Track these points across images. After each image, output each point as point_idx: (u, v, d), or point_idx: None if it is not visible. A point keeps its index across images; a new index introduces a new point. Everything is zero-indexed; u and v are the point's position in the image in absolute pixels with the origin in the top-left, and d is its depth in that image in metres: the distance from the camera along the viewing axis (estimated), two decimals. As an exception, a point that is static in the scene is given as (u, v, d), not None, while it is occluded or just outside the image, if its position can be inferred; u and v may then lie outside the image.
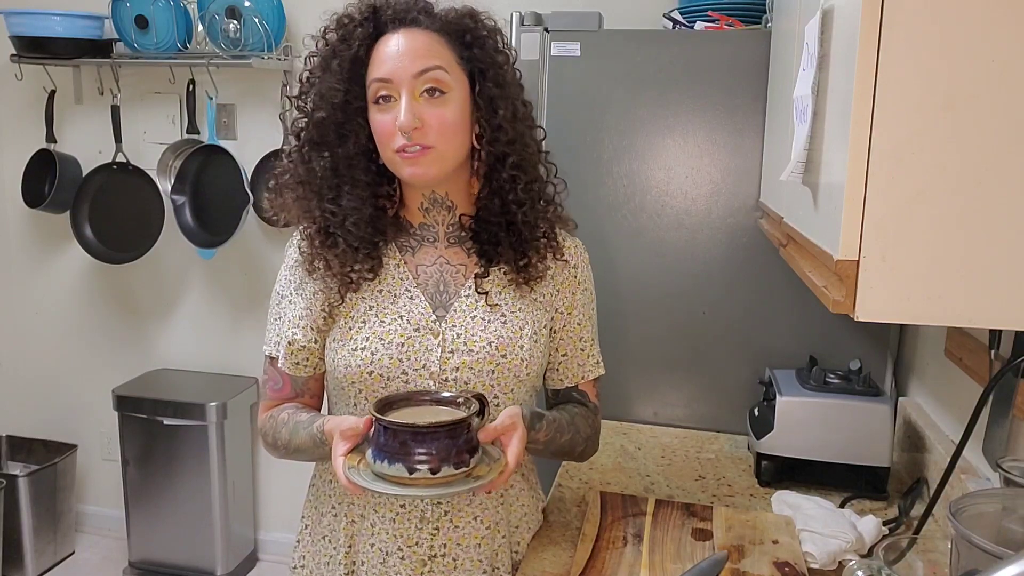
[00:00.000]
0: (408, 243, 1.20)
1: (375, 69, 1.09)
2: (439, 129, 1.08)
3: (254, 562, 2.96)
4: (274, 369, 1.23)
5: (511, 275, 1.18)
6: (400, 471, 0.95)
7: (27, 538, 2.79)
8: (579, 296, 1.24)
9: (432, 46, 1.09)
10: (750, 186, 1.81)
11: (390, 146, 1.09)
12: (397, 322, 1.14)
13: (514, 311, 1.17)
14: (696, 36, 1.85)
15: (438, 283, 1.18)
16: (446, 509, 1.16)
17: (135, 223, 2.73)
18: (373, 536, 1.17)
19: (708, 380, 1.90)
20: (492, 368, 1.13)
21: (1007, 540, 0.89)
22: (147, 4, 2.46)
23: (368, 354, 1.12)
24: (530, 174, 1.16)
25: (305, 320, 1.18)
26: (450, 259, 1.19)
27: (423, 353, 1.13)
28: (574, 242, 1.26)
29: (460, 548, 1.17)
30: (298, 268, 1.20)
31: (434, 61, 1.08)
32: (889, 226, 0.79)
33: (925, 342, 1.68)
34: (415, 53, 1.08)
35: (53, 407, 3.11)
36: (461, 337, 1.14)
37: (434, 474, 0.95)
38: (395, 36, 1.09)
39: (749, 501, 1.51)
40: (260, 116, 2.71)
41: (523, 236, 1.17)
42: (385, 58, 1.08)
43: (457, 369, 1.13)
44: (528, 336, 1.16)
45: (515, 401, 1.17)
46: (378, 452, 0.97)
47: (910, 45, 0.76)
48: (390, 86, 1.08)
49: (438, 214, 1.19)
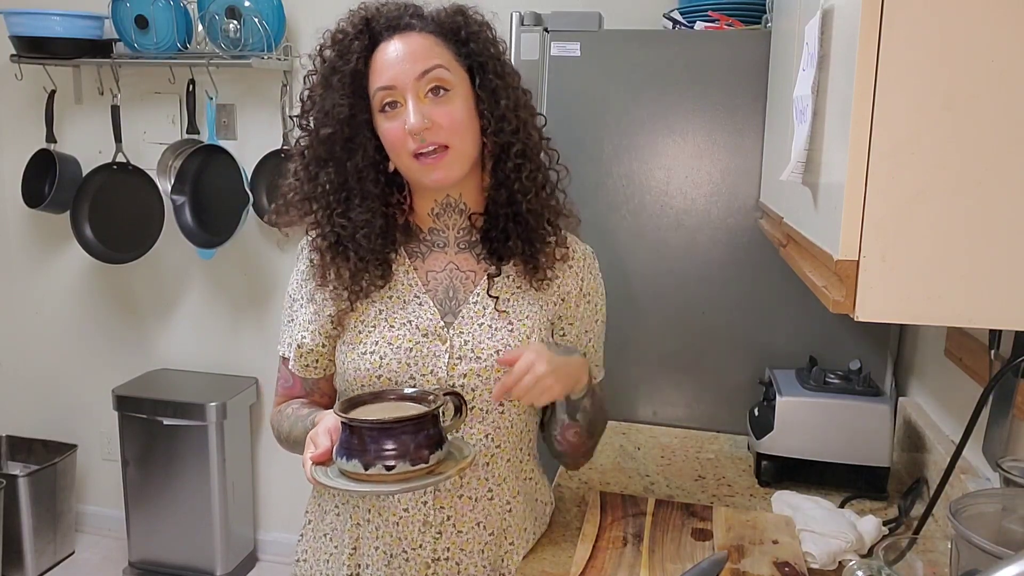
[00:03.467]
0: (418, 249, 1.20)
1: (377, 78, 1.10)
2: (450, 127, 1.09)
3: (254, 562, 2.96)
4: (286, 368, 1.25)
5: (521, 273, 1.18)
6: (357, 467, 0.95)
7: (27, 538, 2.79)
8: (582, 308, 1.24)
9: (429, 47, 1.10)
10: (750, 186, 1.81)
11: (405, 152, 1.10)
12: (406, 327, 1.14)
13: (521, 318, 1.18)
14: (696, 36, 1.85)
15: (447, 289, 1.18)
16: (448, 514, 1.16)
17: (135, 223, 2.73)
18: (378, 539, 1.17)
19: (708, 380, 1.90)
20: (499, 376, 1.14)
21: (1007, 540, 0.89)
22: (147, 4, 2.46)
23: (377, 358, 1.13)
24: (534, 162, 1.16)
25: (314, 325, 1.19)
26: (460, 265, 1.19)
27: (431, 359, 1.13)
28: (583, 250, 1.26)
29: (464, 553, 1.17)
30: (309, 276, 1.20)
31: (434, 61, 1.09)
32: (889, 226, 0.79)
33: (925, 342, 1.68)
34: (414, 56, 1.08)
35: (53, 407, 3.11)
36: (469, 344, 1.14)
37: (389, 470, 0.95)
38: (391, 43, 1.10)
39: (749, 501, 1.51)
40: (260, 116, 2.71)
41: (530, 225, 1.17)
42: (385, 66, 1.09)
43: (464, 376, 1.13)
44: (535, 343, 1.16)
45: (520, 408, 1.18)
46: (340, 449, 0.98)
47: (910, 45, 0.76)
48: (394, 92, 1.08)
49: (449, 218, 1.19)
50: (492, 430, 1.16)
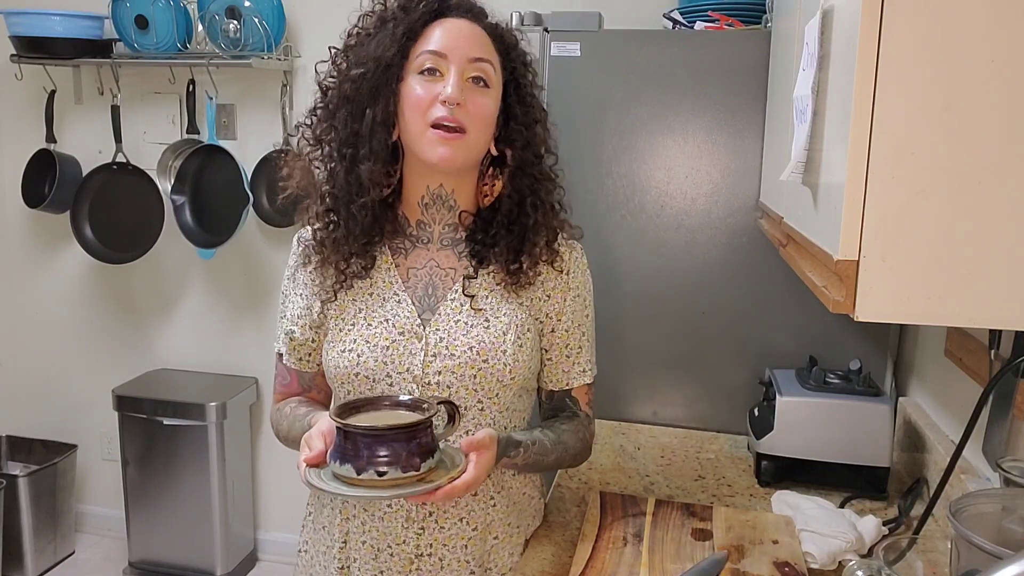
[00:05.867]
0: (402, 245, 1.21)
1: (429, 42, 1.12)
2: (476, 115, 1.11)
3: (254, 562, 2.96)
4: (282, 365, 1.27)
5: (500, 277, 1.19)
6: (350, 471, 0.97)
7: (27, 538, 2.79)
8: (569, 303, 1.23)
9: (487, 43, 1.15)
10: (750, 186, 1.81)
11: (426, 117, 1.10)
12: (383, 325, 1.16)
13: (498, 315, 1.17)
14: (696, 36, 1.85)
15: (427, 287, 1.19)
16: (431, 510, 1.16)
17: (135, 223, 2.73)
18: (365, 534, 1.19)
19: (708, 380, 1.90)
20: (474, 373, 1.14)
21: (1007, 540, 0.89)
22: (147, 4, 2.46)
23: (355, 356, 1.15)
24: (543, 184, 1.19)
25: (303, 318, 1.22)
26: (440, 262, 1.20)
27: (407, 357, 1.14)
28: (571, 248, 1.25)
29: (446, 548, 1.17)
30: (299, 267, 1.23)
31: (488, 54, 1.14)
32: (889, 226, 0.79)
33: (925, 342, 1.68)
34: (473, 40, 1.13)
35: (53, 407, 3.11)
36: (444, 341, 1.15)
37: (380, 476, 0.97)
38: (456, 21, 1.13)
39: (749, 501, 1.51)
40: (260, 116, 2.71)
41: (525, 240, 1.18)
42: (444, 35, 1.12)
43: (439, 373, 1.14)
44: (511, 341, 1.16)
45: (500, 405, 1.18)
46: (334, 453, 1.00)
47: (910, 45, 0.76)
48: (442, 61, 1.11)
49: (437, 212, 1.20)
50: (473, 427, 1.16)
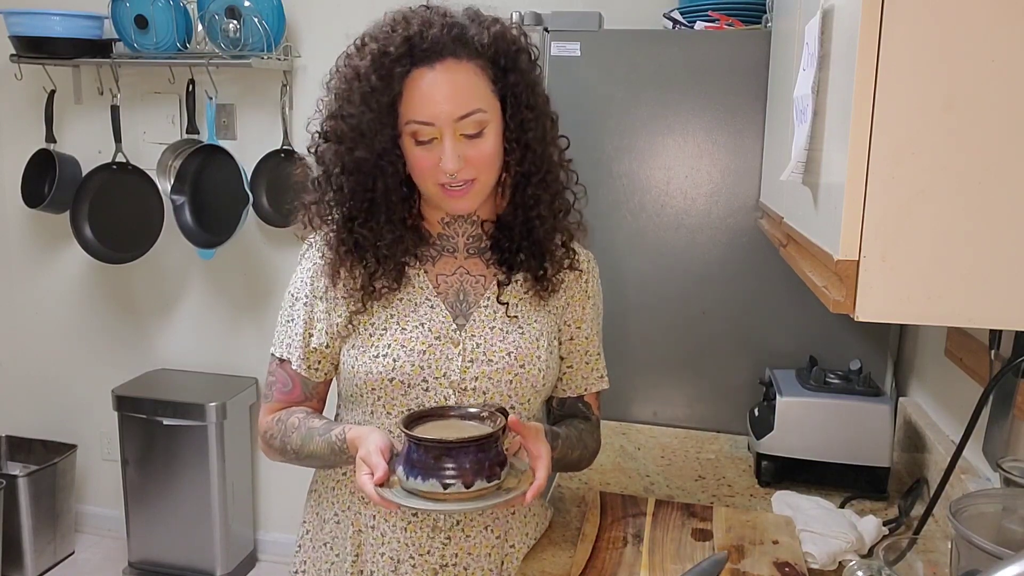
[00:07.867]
0: (428, 253, 1.19)
1: (414, 110, 1.06)
2: (480, 163, 1.09)
3: (253, 562, 2.96)
4: (283, 371, 1.22)
5: (529, 284, 1.19)
6: (434, 487, 0.95)
7: (27, 538, 2.78)
8: (588, 310, 1.25)
9: (471, 82, 1.07)
10: (750, 186, 1.81)
11: (432, 181, 1.09)
12: (418, 330, 1.14)
13: (531, 322, 1.18)
14: (696, 36, 1.85)
15: (458, 292, 1.18)
16: (458, 519, 1.16)
17: (135, 223, 2.73)
18: (383, 545, 1.16)
19: (708, 380, 1.90)
20: (511, 378, 1.14)
21: (1007, 540, 0.89)
22: (147, 4, 2.46)
23: (390, 360, 1.12)
24: (553, 189, 1.17)
25: (323, 324, 1.17)
26: (470, 269, 1.19)
27: (444, 362, 1.13)
28: (587, 255, 1.26)
29: (471, 557, 1.17)
30: (320, 275, 1.17)
31: (475, 104, 1.06)
32: (889, 226, 0.79)
33: (925, 342, 1.68)
34: (456, 95, 1.05)
35: (53, 407, 3.11)
36: (481, 347, 1.14)
37: (468, 488, 0.95)
38: (432, 73, 1.05)
39: (749, 501, 1.51)
40: (260, 116, 2.71)
41: (543, 246, 1.18)
42: (425, 100, 1.05)
43: (476, 379, 1.13)
44: (544, 347, 1.18)
45: (531, 411, 1.19)
46: (411, 468, 0.97)
47: (910, 45, 0.76)
48: (432, 128, 1.06)
49: (459, 227, 1.20)
50: None
